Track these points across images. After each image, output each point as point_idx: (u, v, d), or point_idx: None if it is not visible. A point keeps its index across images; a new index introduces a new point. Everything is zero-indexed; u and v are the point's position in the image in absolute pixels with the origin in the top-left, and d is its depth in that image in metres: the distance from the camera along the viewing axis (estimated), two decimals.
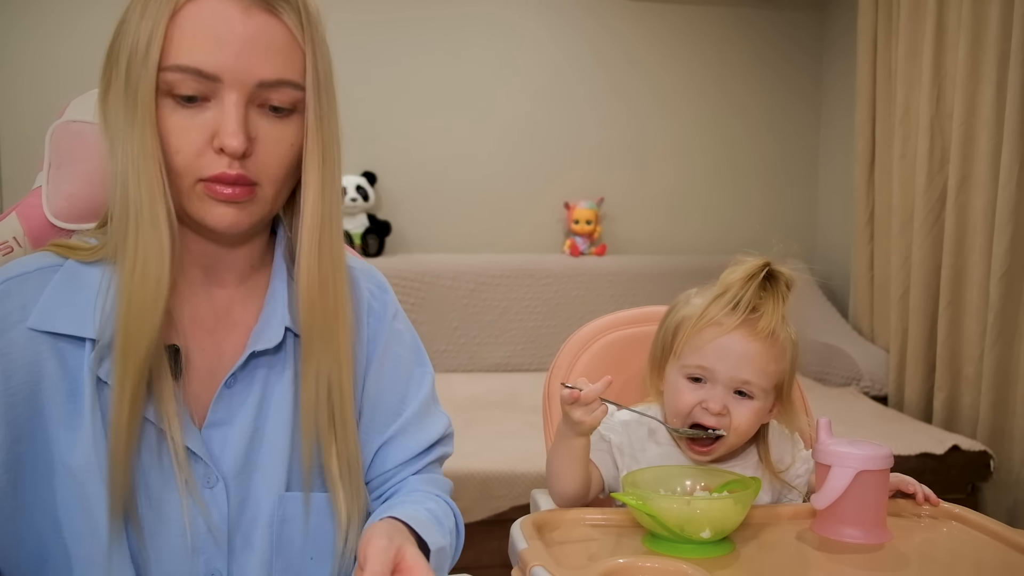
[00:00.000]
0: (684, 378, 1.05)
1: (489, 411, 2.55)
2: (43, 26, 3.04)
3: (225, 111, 0.73)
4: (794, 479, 1.11)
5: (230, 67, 0.72)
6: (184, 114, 0.73)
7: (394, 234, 3.27)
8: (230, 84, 0.72)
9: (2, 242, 1.05)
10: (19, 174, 3.01)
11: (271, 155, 0.76)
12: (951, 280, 2.64)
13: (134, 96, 0.72)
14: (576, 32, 3.39)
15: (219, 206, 0.75)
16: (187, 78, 0.72)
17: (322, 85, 0.77)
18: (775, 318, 1.02)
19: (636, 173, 3.48)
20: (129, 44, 0.73)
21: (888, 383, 2.88)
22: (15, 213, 1.10)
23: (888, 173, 2.98)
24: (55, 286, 0.77)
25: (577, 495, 1.05)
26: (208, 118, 0.73)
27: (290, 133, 0.77)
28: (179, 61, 0.72)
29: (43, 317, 0.76)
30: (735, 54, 3.50)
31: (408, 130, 3.30)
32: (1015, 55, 2.37)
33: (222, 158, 0.73)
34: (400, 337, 0.94)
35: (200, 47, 0.72)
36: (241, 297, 0.85)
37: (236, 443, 0.80)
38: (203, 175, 0.74)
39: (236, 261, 0.84)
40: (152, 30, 0.71)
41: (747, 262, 1.05)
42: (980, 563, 0.96)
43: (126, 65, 0.73)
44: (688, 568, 0.83)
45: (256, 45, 0.73)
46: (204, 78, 0.72)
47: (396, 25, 3.25)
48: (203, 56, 0.72)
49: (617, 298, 3.15)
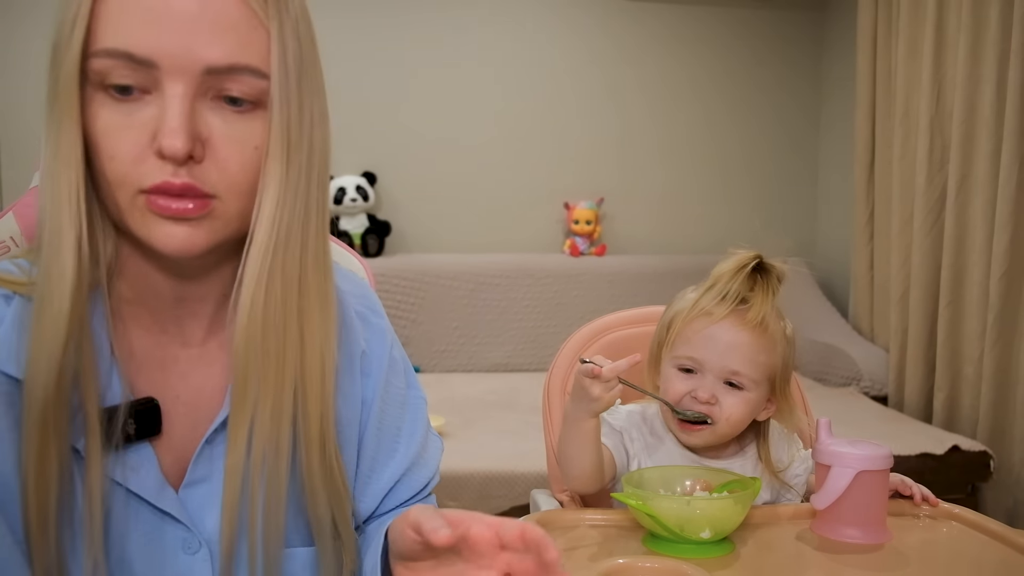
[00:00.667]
0: (675, 369, 1.06)
1: (489, 411, 2.56)
2: (45, 27, 3.04)
3: (166, 105, 0.58)
4: (792, 479, 1.12)
5: (169, 49, 0.58)
6: (119, 110, 0.59)
7: (394, 234, 3.27)
8: (171, 71, 0.58)
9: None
10: (19, 174, 3.01)
11: (229, 159, 0.61)
12: (951, 280, 2.64)
13: (55, 89, 0.59)
14: (576, 33, 3.39)
15: (165, 224, 0.61)
16: (118, 64, 0.58)
17: (291, 71, 0.62)
18: (764, 309, 1.03)
19: (636, 173, 3.48)
20: (56, 28, 0.60)
21: (888, 383, 2.88)
22: (12, 213, 1.09)
23: (888, 173, 2.98)
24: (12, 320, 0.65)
25: (593, 476, 1.02)
26: (147, 115, 0.59)
27: (255, 132, 0.62)
28: (106, 44, 0.58)
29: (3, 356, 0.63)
30: (735, 54, 3.50)
31: (408, 130, 3.30)
32: (1015, 55, 2.37)
33: (165, 164, 0.59)
34: (396, 366, 0.82)
35: (131, 26, 0.58)
36: (215, 334, 0.72)
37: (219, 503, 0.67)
38: (143, 185, 0.60)
39: (206, 291, 0.70)
40: (77, 9, 0.58)
41: (738, 254, 1.07)
42: (980, 563, 0.96)
43: (51, 53, 0.60)
44: (688, 568, 0.83)
45: (201, 21, 0.58)
46: (138, 64, 0.58)
47: (396, 26, 3.25)
48: (135, 37, 0.58)
49: (617, 298, 3.15)
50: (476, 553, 0.62)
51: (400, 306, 3.05)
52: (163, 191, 0.60)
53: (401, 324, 3.04)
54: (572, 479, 1.03)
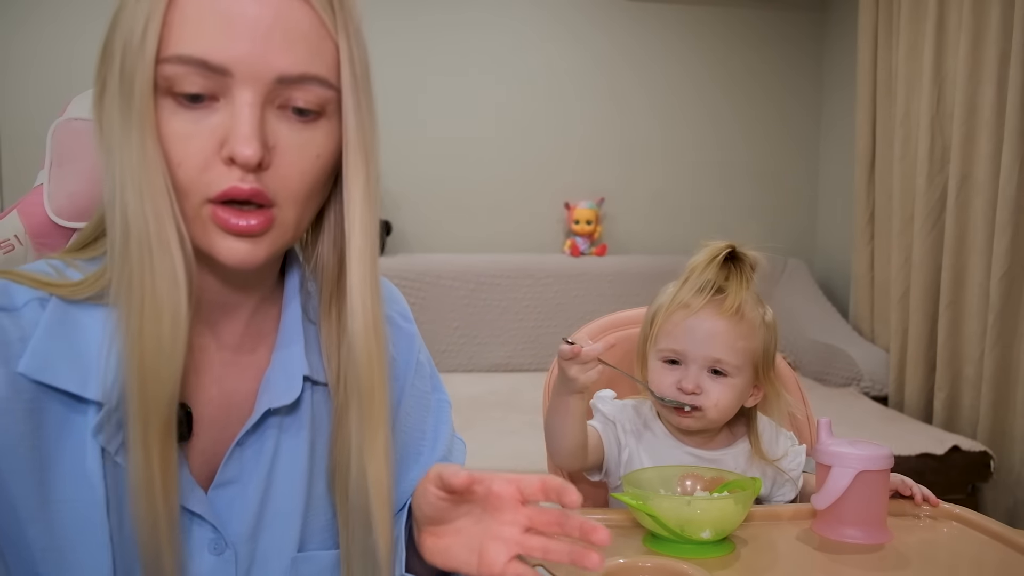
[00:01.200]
0: (660, 361, 1.09)
1: (489, 411, 2.56)
2: (47, 26, 3.04)
3: (236, 112, 0.59)
4: (788, 471, 1.13)
5: (243, 57, 0.58)
6: (187, 117, 0.59)
7: (394, 234, 3.27)
8: (243, 79, 0.59)
9: (3, 240, 1.05)
10: (21, 172, 3.02)
11: (293, 168, 0.62)
12: (951, 280, 2.64)
13: (129, 95, 0.58)
14: (576, 33, 3.39)
15: (228, 238, 0.61)
16: (190, 71, 0.58)
17: (359, 84, 0.63)
18: (739, 297, 1.07)
19: (636, 173, 3.48)
20: (124, 34, 0.59)
21: (888, 383, 2.88)
22: (16, 211, 1.10)
23: (888, 173, 2.98)
24: (48, 326, 0.62)
25: (575, 451, 1.05)
26: (216, 122, 0.59)
27: (316, 142, 0.62)
28: (180, 51, 0.58)
29: (39, 365, 0.61)
30: (736, 55, 3.50)
31: (409, 130, 3.30)
32: (1015, 55, 2.37)
33: (233, 170, 0.59)
34: (422, 370, 0.83)
35: (206, 33, 0.58)
36: (251, 336, 0.71)
37: (247, 504, 0.68)
38: (211, 193, 0.60)
39: (247, 296, 0.70)
40: (149, 14, 0.58)
41: (710, 245, 1.10)
42: (980, 563, 0.96)
43: (120, 59, 0.59)
44: (688, 568, 0.83)
45: (275, 30, 0.59)
46: (211, 71, 0.58)
47: (397, 27, 3.25)
48: (209, 44, 0.58)
49: (617, 298, 3.15)
50: (498, 510, 0.64)
51: None
52: (231, 196, 0.60)
53: None
54: (554, 452, 1.07)
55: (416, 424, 0.81)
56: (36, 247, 1.01)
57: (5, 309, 0.62)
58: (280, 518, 0.70)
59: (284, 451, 0.70)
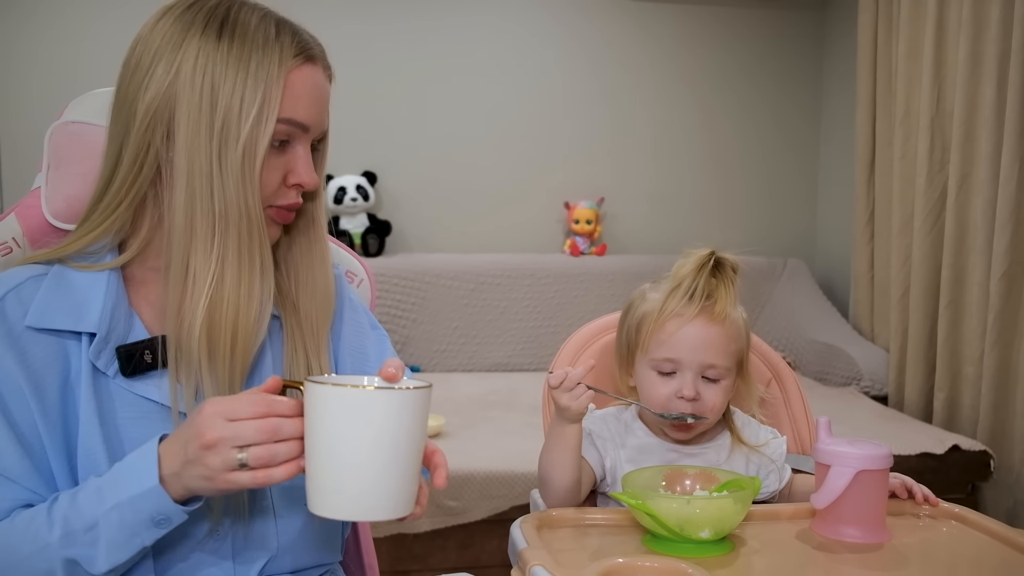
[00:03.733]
0: (654, 372, 1.11)
1: (489, 411, 2.56)
2: (47, 28, 3.04)
3: (299, 155, 0.88)
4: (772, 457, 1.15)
5: (315, 120, 0.88)
6: (273, 155, 0.86)
7: (394, 234, 3.27)
8: (312, 133, 0.89)
9: (1, 243, 1.05)
10: (22, 174, 3.02)
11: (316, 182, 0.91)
12: (951, 280, 2.64)
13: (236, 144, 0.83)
14: (576, 33, 3.39)
15: (276, 226, 0.90)
16: (291, 129, 0.86)
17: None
18: (727, 302, 1.10)
19: (636, 173, 3.48)
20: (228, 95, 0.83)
21: (888, 383, 2.88)
22: (14, 214, 1.09)
23: (888, 173, 2.98)
24: (46, 289, 0.86)
25: (571, 489, 1.06)
26: (284, 160, 0.88)
27: (319, 163, 0.93)
28: (291, 116, 0.86)
29: (40, 316, 0.84)
30: (735, 54, 3.50)
31: (408, 130, 3.31)
32: (1015, 55, 2.37)
33: (291, 191, 0.89)
34: (354, 305, 1.04)
35: (305, 105, 0.86)
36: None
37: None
38: (276, 203, 0.88)
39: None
40: (267, 89, 0.84)
41: (694, 254, 1.12)
42: (980, 563, 0.96)
43: (224, 114, 0.83)
44: (688, 568, 0.83)
45: (326, 104, 0.90)
46: (300, 129, 0.87)
47: (397, 28, 3.26)
48: (305, 111, 0.86)
49: (617, 298, 3.15)
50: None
51: (400, 306, 3.05)
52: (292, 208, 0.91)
53: (401, 324, 3.05)
54: (548, 490, 1.07)
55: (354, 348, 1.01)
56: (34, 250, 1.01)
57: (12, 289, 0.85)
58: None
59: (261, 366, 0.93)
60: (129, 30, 0.90)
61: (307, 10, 0.95)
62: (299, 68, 0.86)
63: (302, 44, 0.87)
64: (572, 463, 1.05)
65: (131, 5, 3.22)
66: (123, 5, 3.05)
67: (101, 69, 2.83)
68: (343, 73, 0.93)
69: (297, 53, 0.86)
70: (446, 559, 2.08)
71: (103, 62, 2.90)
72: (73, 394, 0.84)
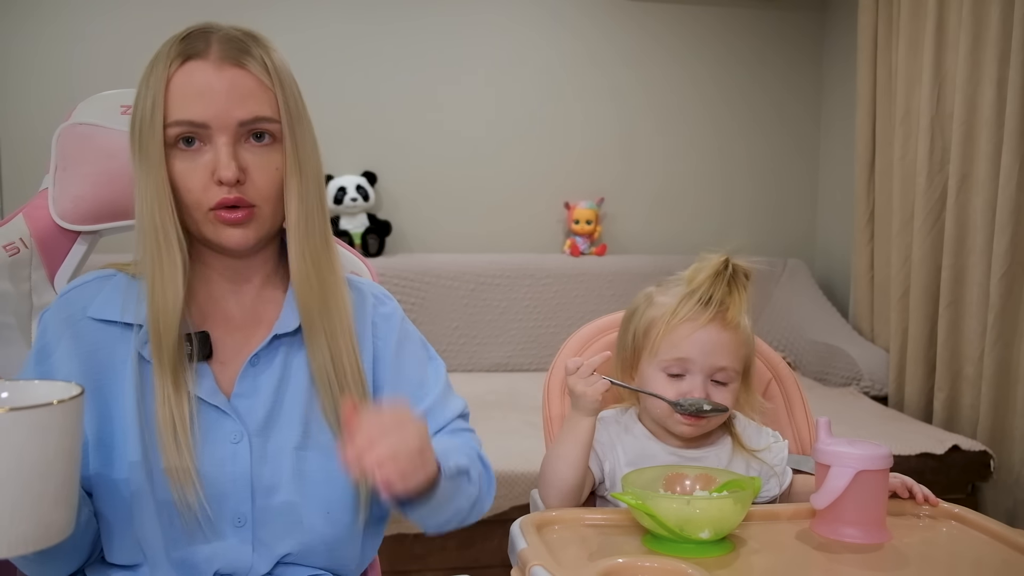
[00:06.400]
0: (663, 374, 1.11)
1: (489, 411, 2.56)
2: (48, 29, 3.04)
3: (217, 150, 0.89)
4: (772, 465, 1.15)
5: (214, 115, 0.89)
6: (187, 158, 0.90)
7: (394, 234, 3.27)
8: (217, 128, 0.89)
9: (9, 243, 1.05)
10: (22, 176, 3.01)
11: (261, 179, 0.92)
12: (951, 280, 2.65)
13: (146, 151, 0.89)
14: (576, 33, 3.39)
15: (228, 229, 0.92)
16: (184, 128, 0.89)
17: (294, 116, 0.93)
18: (740, 308, 1.12)
19: (636, 173, 3.48)
20: (140, 109, 0.90)
21: (888, 383, 2.88)
22: (22, 215, 1.10)
23: (888, 173, 2.98)
24: (111, 289, 0.96)
25: (573, 488, 1.07)
26: (207, 159, 0.90)
27: (274, 159, 0.92)
28: (180, 116, 0.89)
29: (100, 309, 0.95)
30: (735, 54, 3.50)
31: (408, 130, 3.31)
32: (1015, 55, 2.37)
33: (222, 188, 0.90)
34: (410, 336, 1.08)
35: (191, 102, 0.89)
36: (264, 299, 1.01)
37: (259, 409, 0.95)
38: (211, 204, 0.90)
39: (254, 270, 1.00)
40: (155, 96, 0.89)
41: (710, 260, 1.14)
42: (980, 563, 0.97)
43: (139, 127, 0.90)
44: (688, 568, 0.83)
45: (232, 94, 0.89)
46: (196, 126, 0.89)
47: (398, 28, 3.25)
48: (192, 109, 0.89)
49: (617, 298, 3.15)
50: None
51: (400, 305, 3.05)
52: (223, 205, 0.90)
53: None
54: (551, 485, 1.08)
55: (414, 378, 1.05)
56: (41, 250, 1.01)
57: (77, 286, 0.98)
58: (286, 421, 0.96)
59: (289, 371, 0.97)
60: (127, 32, 0.92)
61: (307, 10, 0.96)
62: (179, 69, 0.89)
63: (185, 45, 0.90)
64: (580, 459, 1.06)
65: (129, 7, 3.24)
66: (121, 7, 3.05)
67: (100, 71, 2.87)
68: (343, 73, 0.94)
69: (177, 55, 0.90)
70: (446, 559, 2.08)
71: (102, 64, 2.92)
72: (117, 375, 0.93)
